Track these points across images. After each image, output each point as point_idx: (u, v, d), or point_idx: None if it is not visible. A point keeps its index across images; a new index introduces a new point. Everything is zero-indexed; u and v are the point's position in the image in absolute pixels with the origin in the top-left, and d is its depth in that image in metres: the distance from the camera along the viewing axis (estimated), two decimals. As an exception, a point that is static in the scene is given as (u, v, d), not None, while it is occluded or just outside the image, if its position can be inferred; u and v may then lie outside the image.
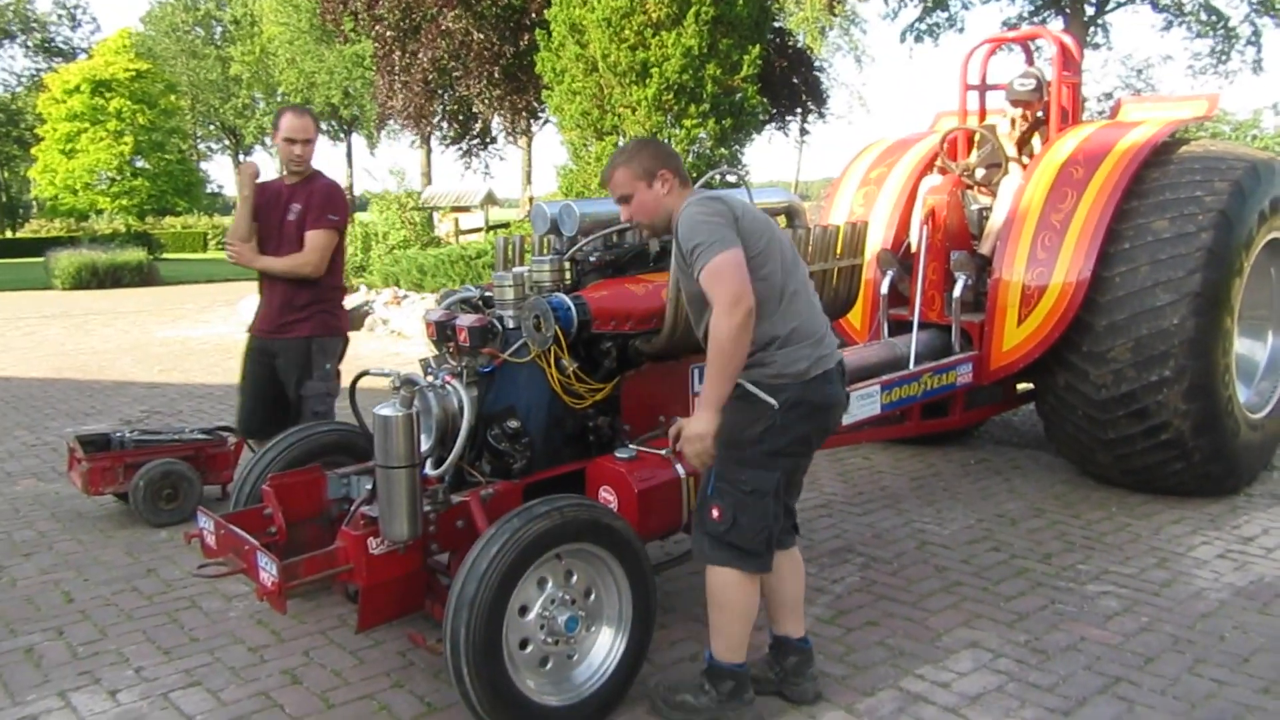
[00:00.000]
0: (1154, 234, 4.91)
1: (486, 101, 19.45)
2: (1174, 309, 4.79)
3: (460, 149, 25.79)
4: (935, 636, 3.65)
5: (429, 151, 32.40)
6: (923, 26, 29.55)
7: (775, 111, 21.98)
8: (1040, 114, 5.84)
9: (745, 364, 2.78)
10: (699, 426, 2.78)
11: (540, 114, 20.94)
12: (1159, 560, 4.37)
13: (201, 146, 52.19)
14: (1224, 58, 29.98)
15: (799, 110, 24.03)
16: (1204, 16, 29.31)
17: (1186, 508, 5.05)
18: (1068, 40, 5.93)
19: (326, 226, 4.53)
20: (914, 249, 5.53)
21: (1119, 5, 29.31)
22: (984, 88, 6.28)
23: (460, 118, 23.46)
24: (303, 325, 4.60)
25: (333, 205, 4.57)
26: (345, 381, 3.99)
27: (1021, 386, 5.94)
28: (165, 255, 33.25)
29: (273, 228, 4.60)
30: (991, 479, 5.65)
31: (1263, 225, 5.13)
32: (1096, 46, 29.60)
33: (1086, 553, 4.47)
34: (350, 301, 13.26)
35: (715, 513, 2.88)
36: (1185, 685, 3.27)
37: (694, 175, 11.12)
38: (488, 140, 25.98)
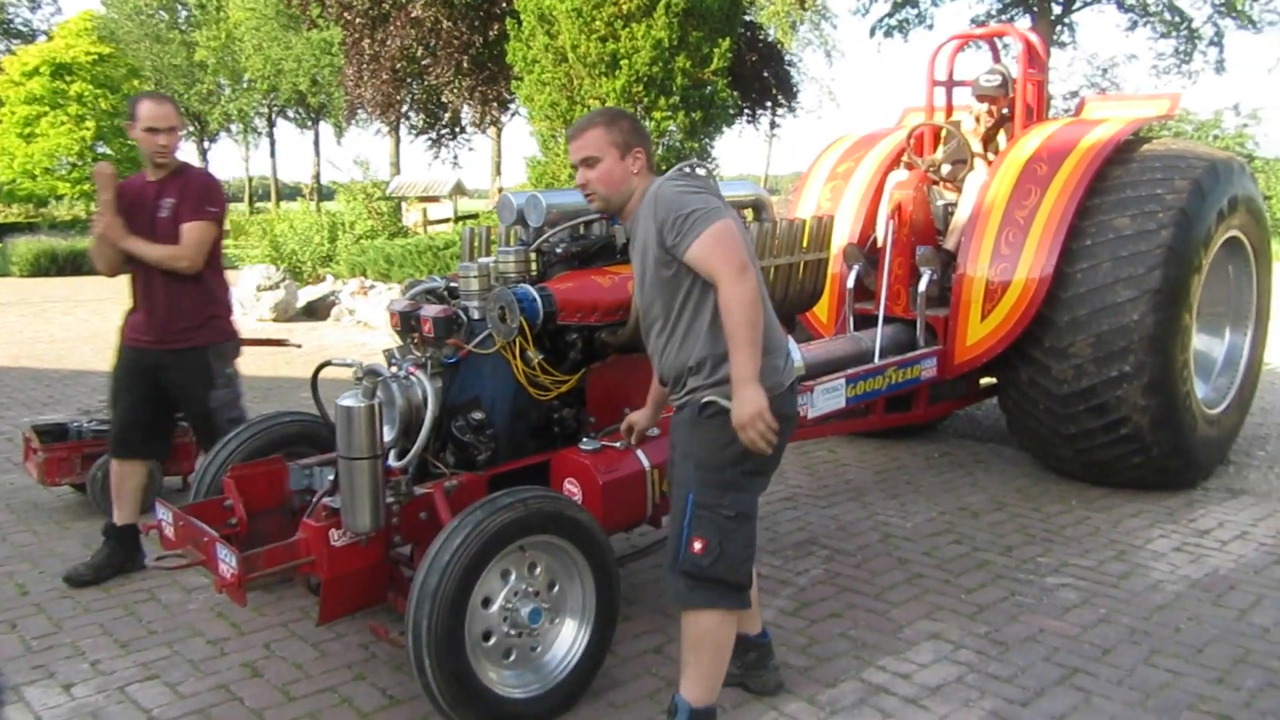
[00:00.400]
0: (1116, 231, 4.97)
1: (455, 91, 19.35)
2: (1134, 305, 4.85)
3: (429, 139, 25.64)
4: (897, 628, 3.68)
5: (397, 141, 32.16)
6: (892, 22, 29.77)
7: (745, 105, 22.02)
8: (1005, 110, 5.89)
9: (720, 377, 2.61)
10: (752, 404, 2.51)
11: (510, 104, 20.84)
12: (1117, 553, 4.43)
13: (165, 133, 51.37)
14: (1187, 58, 30.44)
15: (769, 104, 24.12)
16: (1168, 17, 29.72)
17: (1145, 501, 5.12)
18: (1034, 38, 5.98)
19: (205, 218, 4.13)
20: (880, 244, 5.56)
21: (1085, 4, 29.62)
22: (951, 84, 6.32)
23: (429, 107, 23.31)
24: (197, 334, 4.18)
25: (210, 197, 4.19)
26: (307, 371, 3.95)
27: (985, 381, 6.00)
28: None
29: (143, 228, 4.09)
30: (954, 472, 5.70)
31: (1221, 223, 5.20)
32: (1063, 45, 29.91)
33: (1046, 545, 4.53)
34: (316, 291, 13.16)
35: (697, 545, 2.62)
36: (1141, 676, 3.32)
37: (663, 167, 11.13)
38: (457, 130, 25.84)
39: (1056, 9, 29.35)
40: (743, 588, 2.71)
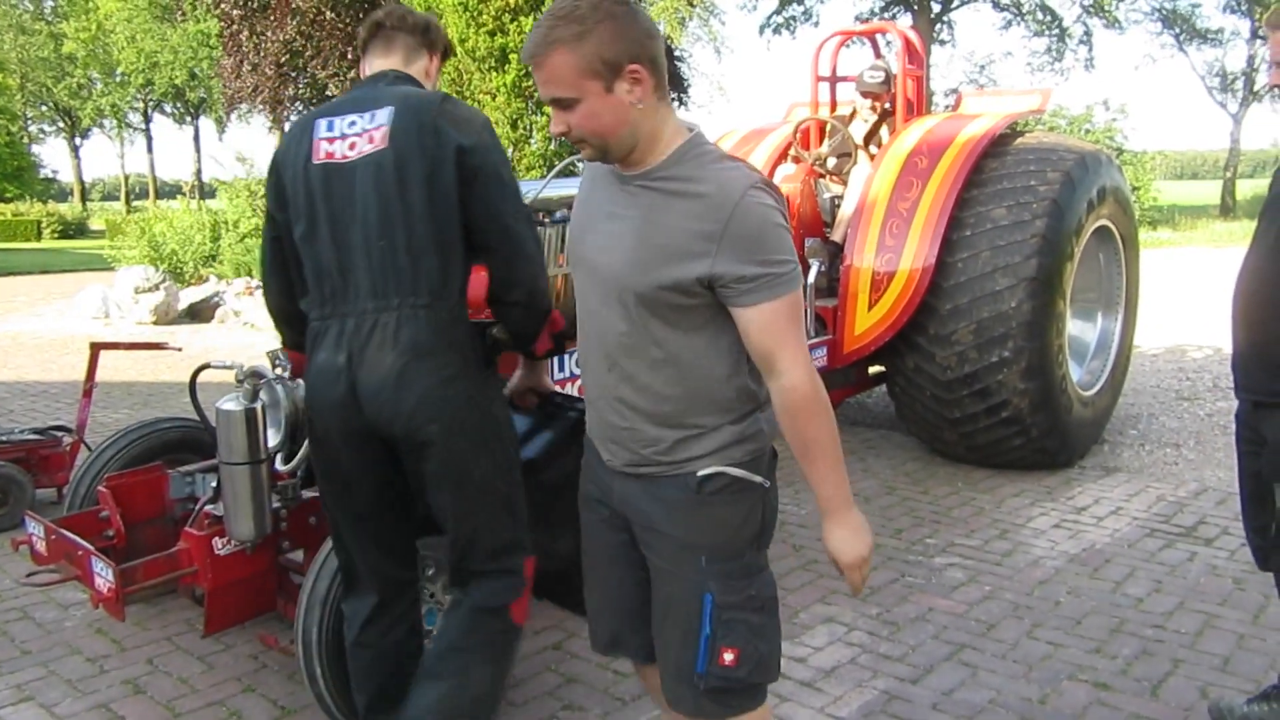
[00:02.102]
0: (993, 221, 5.15)
1: (340, 84, 18.90)
2: (1012, 293, 5.03)
3: (315, 134, 24.98)
4: (793, 614, 3.75)
5: (283, 136, 31.30)
6: (780, 19, 30.23)
7: (637, 100, 22.09)
8: (888, 105, 6.04)
9: (723, 442, 1.94)
10: (861, 543, 1.93)
11: (399, 99, 20.43)
12: (1000, 532, 4.59)
13: (33, 129, 49.07)
14: (1059, 56, 31.74)
15: (660, 99, 24.20)
16: (1040, 16, 30.91)
17: (1026, 481, 5.32)
18: (913, 35, 6.15)
19: None
20: (770, 236, 5.64)
21: (963, 3, 30.59)
22: (834, 79, 6.45)
23: (315, 101, 22.73)
24: None
25: None
26: (188, 375, 3.81)
27: (874, 369, 6.14)
28: (-7, 245, 31.18)
29: None
30: (847, 459, 5.78)
31: (1091, 213, 5.43)
32: (943, 43, 30.85)
33: (934, 527, 4.67)
34: (199, 293, 12.72)
35: (729, 657, 1.96)
36: (1024, 649, 3.45)
37: (554, 162, 11.09)
38: (344, 125, 25.24)
39: (935, 7, 30.26)
40: (776, 673, 2.08)
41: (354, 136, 2.38)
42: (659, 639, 2.05)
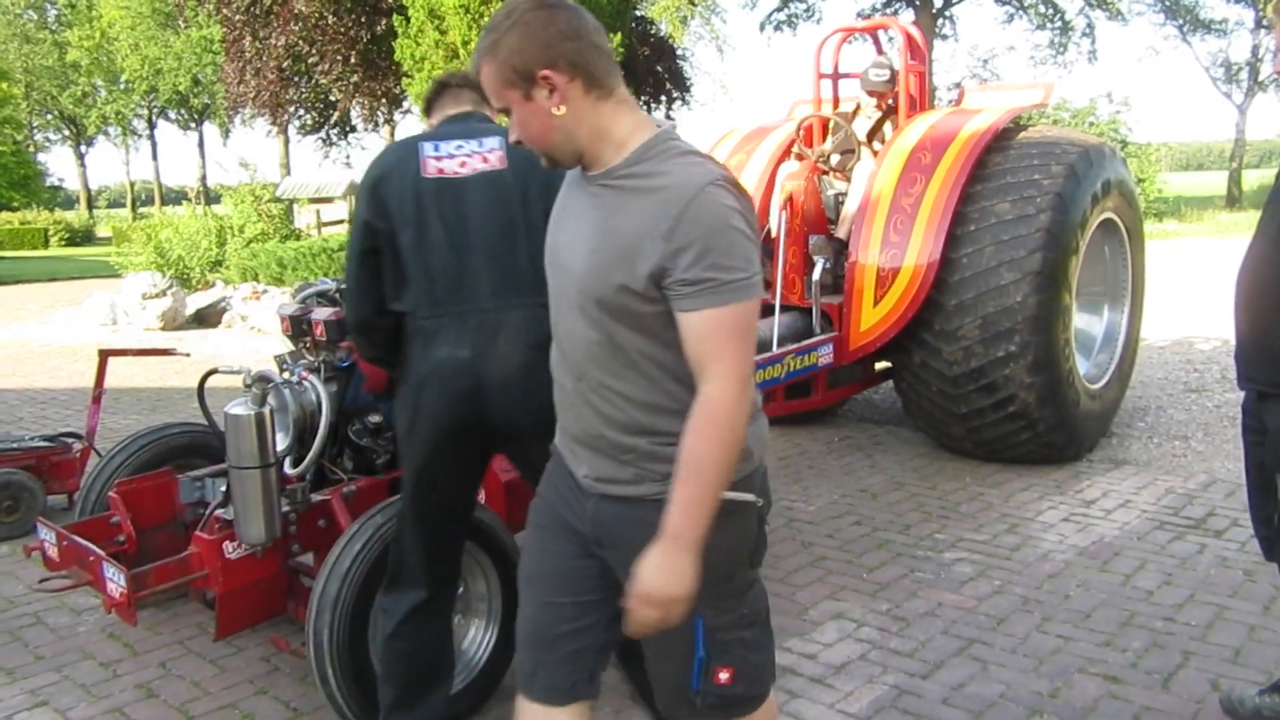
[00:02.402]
0: (997, 216, 5.14)
1: (343, 89, 18.95)
2: (1017, 287, 5.02)
3: (319, 138, 25.07)
4: (802, 610, 3.75)
5: (287, 141, 31.36)
6: (781, 17, 30.20)
7: (640, 99, 22.09)
8: (891, 102, 6.04)
9: None
10: (677, 583, 1.72)
11: (402, 101, 20.50)
12: (1009, 526, 4.59)
13: (39, 137, 49.24)
14: (1062, 49, 31.65)
15: (663, 98, 24.21)
16: (1042, 10, 30.83)
17: (1034, 475, 5.32)
18: (915, 31, 6.14)
19: None
20: (774, 234, 5.65)
21: (965, -3, 30.52)
22: (836, 76, 6.45)
23: (317, 105, 22.78)
24: None
25: None
26: (196, 381, 3.83)
27: (880, 365, 6.14)
28: (2, 253, 31.28)
29: None
30: (854, 455, 5.83)
31: (1095, 206, 5.43)
32: (945, 38, 30.78)
33: (943, 522, 4.67)
34: (206, 298, 12.76)
35: (724, 676, 1.92)
36: (1034, 643, 3.45)
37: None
38: (347, 129, 25.31)
39: (938, 3, 30.20)
40: (771, 678, 2.05)
41: (463, 156, 2.59)
42: (649, 662, 1.97)
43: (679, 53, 26.19)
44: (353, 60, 17.80)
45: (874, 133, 6.07)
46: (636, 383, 1.78)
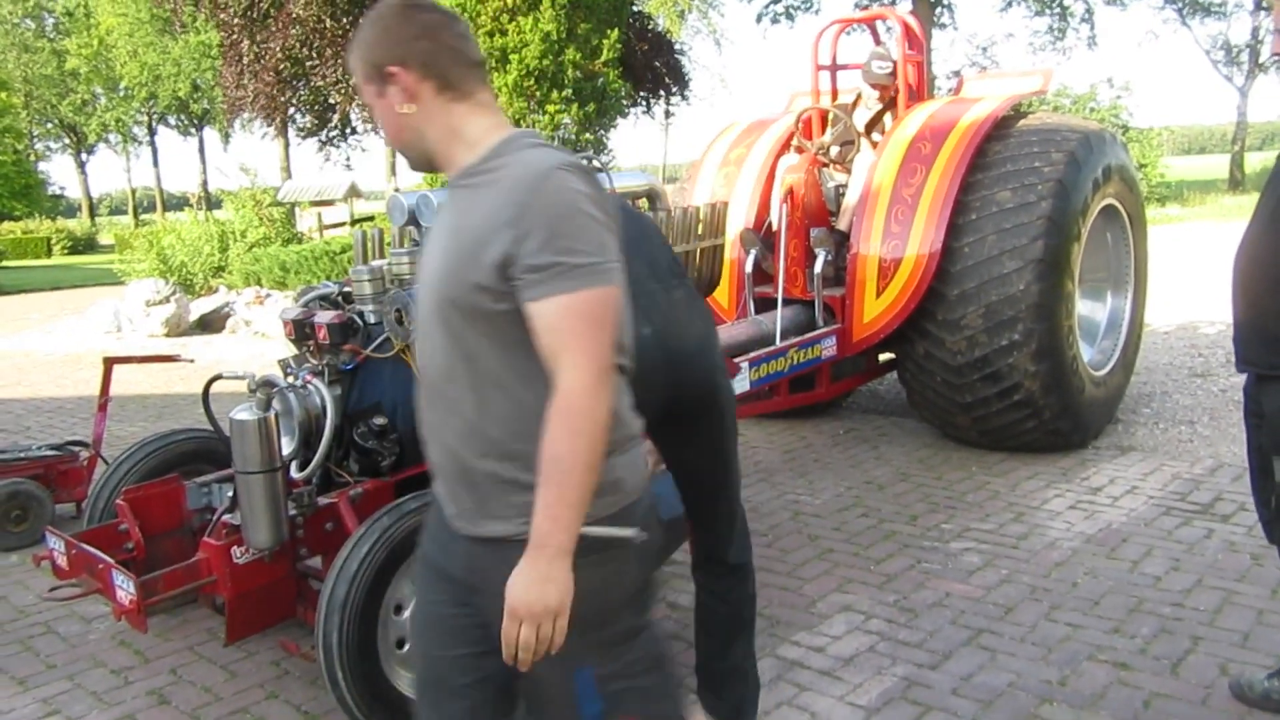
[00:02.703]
0: (998, 204, 5.14)
1: (343, 91, 18.95)
2: (1019, 275, 5.02)
3: (319, 141, 25.07)
4: (810, 603, 3.75)
5: (287, 145, 31.37)
6: (779, 9, 30.10)
7: (639, 95, 22.06)
8: (893, 94, 6.03)
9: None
10: (547, 594, 1.60)
11: (400, 103, 20.47)
12: (1016, 515, 4.59)
13: (39, 146, 49.30)
14: (1060, 35, 31.53)
15: (662, 93, 24.18)
16: (1040, -5, 30.70)
17: (1040, 463, 5.31)
18: (912, 21, 6.13)
19: None
20: (775, 227, 5.65)
21: (963, -15, 30.39)
22: (834, 67, 6.44)
23: (317, 108, 22.79)
24: None
25: None
26: (201, 386, 3.84)
27: (884, 356, 6.14)
28: (5, 263, 31.34)
29: None
30: (859, 447, 5.83)
31: (1097, 192, 5.42)
32: (943, 26, 30.67)
33: (949, 512, 4.67)
34: (210, 303, 12.78)
35: None
36: (1042, 631, 3.45)
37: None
38: (347, 131, 25.32)
39: (936, -10, 30.08)
40: None
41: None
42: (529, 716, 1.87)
43: (677, 47, 26.17)
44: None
45: (873, 124, 6.06)
46: (497, 402, 1.67)
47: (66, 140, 49.05)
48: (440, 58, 1.70)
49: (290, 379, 3.37)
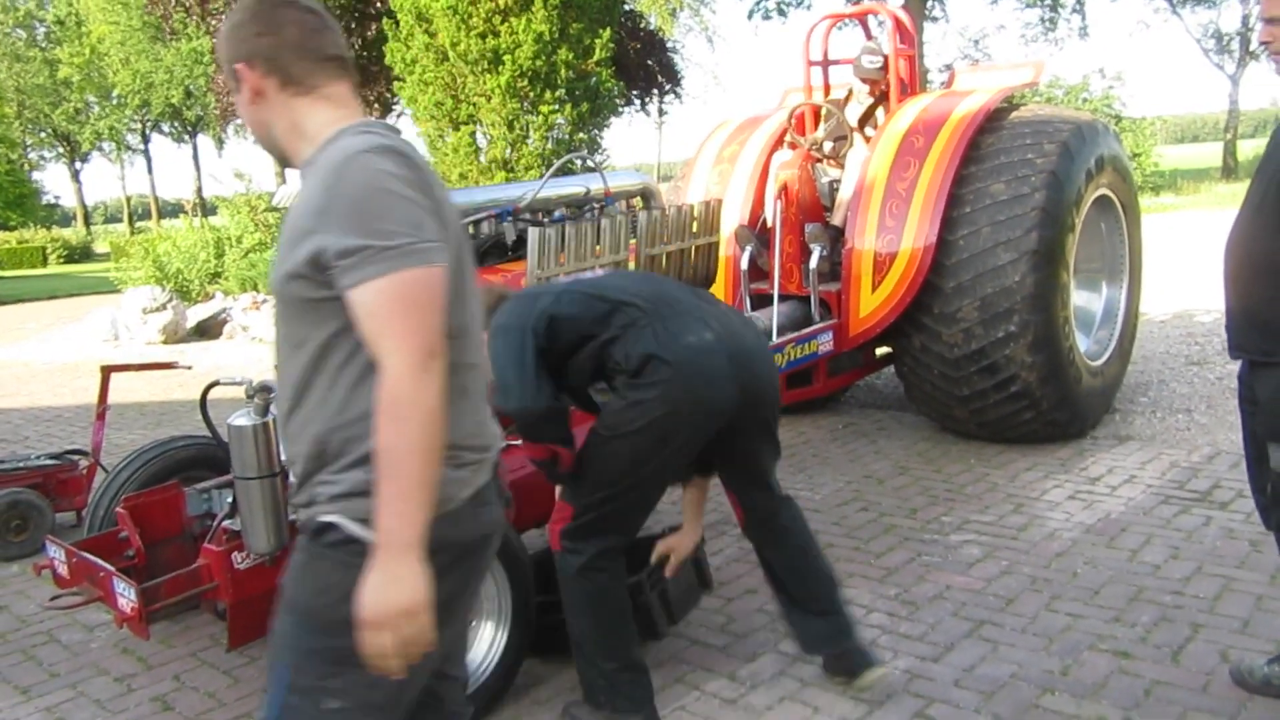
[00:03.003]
0: (992, 197, 5.14)
1: (336, 96, 18.92)
2: (1014, 267, 5.03)
3: (313, 145, 25.04)
4: (811, 598, 3.75)
5: (280, 149, 31.36)
6: (770, 5, 30.09)
7: (632, 94, 22.08)
8: (884, 88, 6.03)
9: (357, 486, 1.60)
10: (402, 592, 1.52)
11: (394, 106, 20.48)
12: (1015, 506, 4.60)
13: (33, 155, 49.26)
14: (1052, 26, 31.55)
15: (655, 91, 24.21)
16: (1031, -14, 30.71)
17: (1038, 454, 5.32)
18: (903, 15, 6.13)
19: None
20: (770, 224, 5.65)
21: (954, -22, 30.37)
22: (826, 63, 6.45)
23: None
24: None
25: None
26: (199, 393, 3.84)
27: (880, 351, 6.15)
28: (1, 273, 31.32)
29: None
30: (858, 441, 5.84)
31: (1090, 183, 5.42)
32: (935, 20, 30.69)
33: (949, 505, 4.68)
34: (206, 310, 12.77)
35: None
36: (1043, 622, 3.46)
37: (552, 160, 11.09)
38: (341, 135, 25.29)
39: (927, -16, 30.07)
40: None
41: None
42: None
43: (669, 46, 26.18)
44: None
45: (866, 118, 6.07)
46: (310, 392, 1.64)
47: (60, 149, 49.01)
48: (283, 53, 1.69)
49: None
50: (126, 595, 2.78)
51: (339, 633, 1.57)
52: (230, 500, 3.10)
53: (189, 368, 5.36)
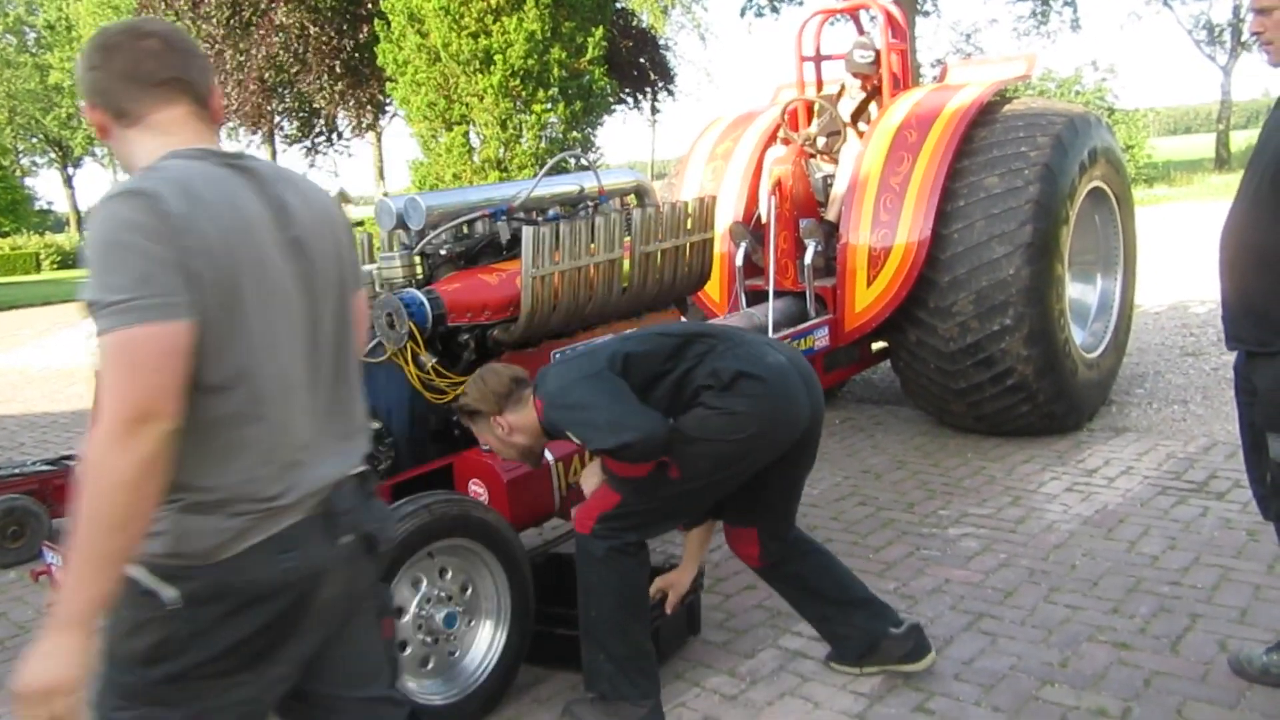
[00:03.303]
0: (986, 190, 5.15)
1: (328, 97, 18.94)
2: (1009, 260, 5.03)
3: (305, 147, 25.06)
4: (810, 594, 3.75)
5: (273, 152, 31.31)
6: (763, 1, 30.07)
7: (625, 92, 22.07)
8: (876, 83, 6.04)
9: (150, 528, 1.50)
10: (51, 670, 1.42)
11: (387, 107, 20.49)
12: (1013, 499, 4.60)
13: (25, 161, 49.15)
14: (1043, 19, 31.58)
15: (648, 89, 24.20)
16: (1022, -21, 30.72)
17: (1035, 447, 5.33)
18: (894, 10, 6.13)
19: None
20: (764, 220, 5.65)
21: (945, -28, 30.41)
22: (819, 58, 6.45)
23: (302, 115, 22.77)
24: None
25: None
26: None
27: (877, 345, 6.14)
28: (-6, 280, 31.25)
29: None
30: (856, 436, 5.84)
31: (1083, 175, 5.43)
32: (926, 14, 30.70)
33: (947, 498, 4.68)
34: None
35: None
36: (1042, 614, 3.47)
37: (545, 160, 11.08)
38: (334, 136, 25.30)
39: (918, -22, 30.05)
40: None
41: None
42: None
43: (661, 43, 26.17)
44: (337, 69, 17.78)
45: (859, 113, 6.07)
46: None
47: (52, 154, 48.88)
48: (111, 87, 1.64)
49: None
50: (124, 600, 2.77)
51: (132, 668, 1.58)
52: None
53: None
